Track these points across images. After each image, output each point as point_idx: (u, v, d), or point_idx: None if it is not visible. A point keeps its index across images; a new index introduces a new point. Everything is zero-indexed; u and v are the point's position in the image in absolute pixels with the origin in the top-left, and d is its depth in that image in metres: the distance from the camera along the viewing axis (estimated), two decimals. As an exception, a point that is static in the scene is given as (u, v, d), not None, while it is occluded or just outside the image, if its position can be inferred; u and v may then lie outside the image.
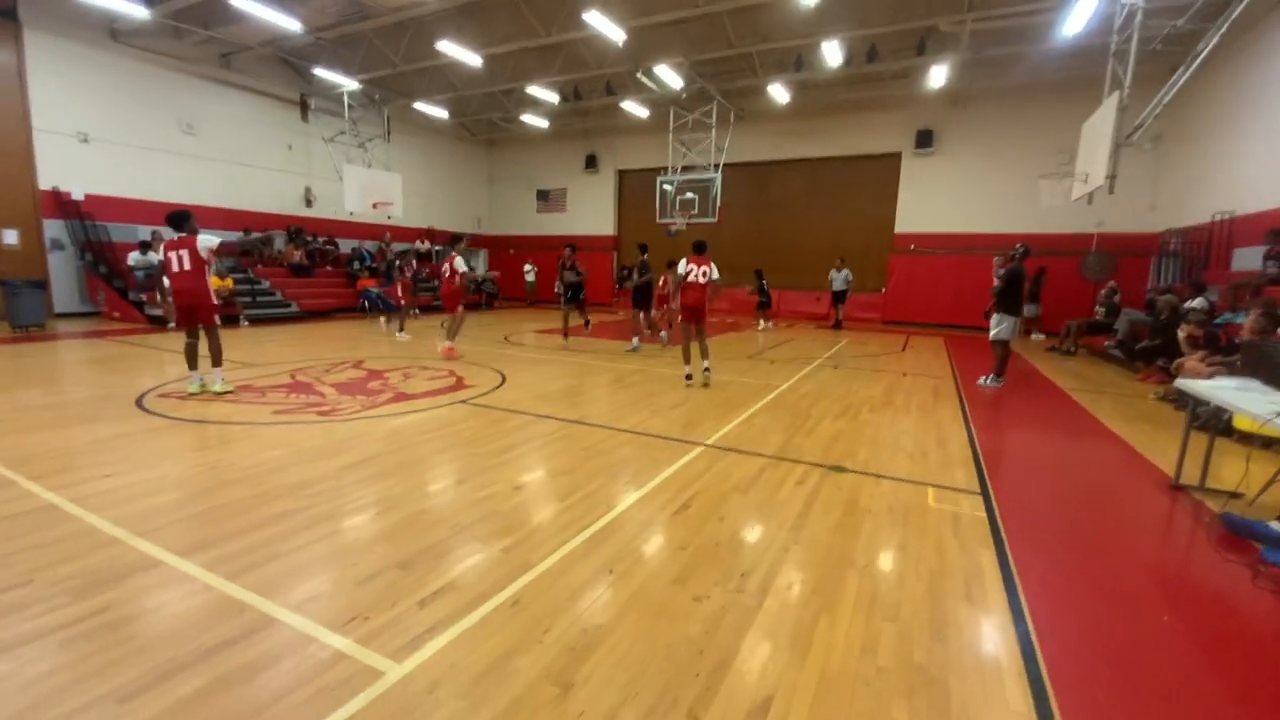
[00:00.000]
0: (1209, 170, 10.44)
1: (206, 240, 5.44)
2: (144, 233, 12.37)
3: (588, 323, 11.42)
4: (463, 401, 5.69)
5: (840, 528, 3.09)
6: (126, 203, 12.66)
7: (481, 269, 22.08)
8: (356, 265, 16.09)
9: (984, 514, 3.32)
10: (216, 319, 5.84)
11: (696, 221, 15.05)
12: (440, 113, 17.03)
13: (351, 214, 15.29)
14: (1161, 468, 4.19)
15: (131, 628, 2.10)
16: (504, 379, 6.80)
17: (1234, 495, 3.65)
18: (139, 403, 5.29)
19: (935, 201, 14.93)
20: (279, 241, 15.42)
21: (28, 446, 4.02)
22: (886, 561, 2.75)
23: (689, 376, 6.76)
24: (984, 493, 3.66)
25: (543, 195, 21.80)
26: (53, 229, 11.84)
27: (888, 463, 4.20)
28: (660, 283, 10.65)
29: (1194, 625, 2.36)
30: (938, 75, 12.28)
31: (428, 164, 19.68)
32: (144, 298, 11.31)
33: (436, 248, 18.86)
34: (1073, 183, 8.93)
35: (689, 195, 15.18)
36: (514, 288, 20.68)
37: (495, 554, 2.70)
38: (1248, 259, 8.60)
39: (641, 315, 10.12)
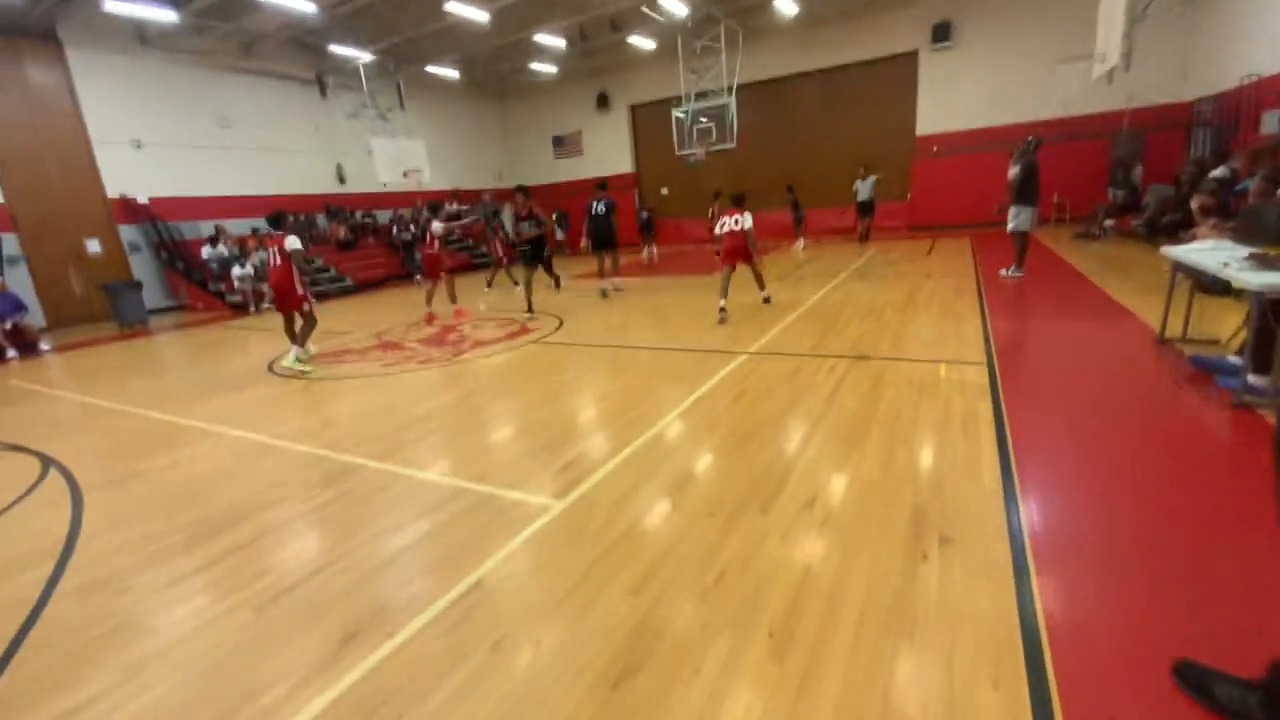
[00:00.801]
0: (1240, 31, 10.10)
1: (292, 241, 6.04)
2: (207, 227, 13.45)
3: (558, 281, 9.57)
4: (533, 342, 6.57)
5: (866, 398, 3.86)
6: (187, 201, 13.68)
7: (508, 223, 22.69)
8: (396, 232, 16.95)
9: (986, 377, 4.03)
10: (305, 306, 6.26)
11: (716, 149, 15.21)
12: (452, 73, 17.26)
13: (385, 185, 15.99)
14: (1157, 329, 4.75)
15: (373, 501, 3.07)
16: (561, 322, 7.64)
17: (1212, 343, 4.25)
18: (271, 369, 6.35)
19: (956, 98, 14.65)
20: (322, 221, 16.42)
21: (212, 409, 5.09)
22: (902, 415, 3.52)
23: (723, 309, 6.72)
24: (989, 363, 4.35)
25: (558, 141, 21.98)
26: (128, 233, 12.98)
27: (907, 349, 4.90)
28: (709, 214, 11.25)
29: (1148, 434, 3.09)
30: (950, -37, 11.90)
31: (445, 126, 20.01)
32: (223, 287, 12.47)
33: (464, 206, 19.54)
34: (1091, 64, 8.91)
35: (705, 123, 15.28)
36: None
37: (603, 437, 3.59)
38: (1275, 123, 8.56)
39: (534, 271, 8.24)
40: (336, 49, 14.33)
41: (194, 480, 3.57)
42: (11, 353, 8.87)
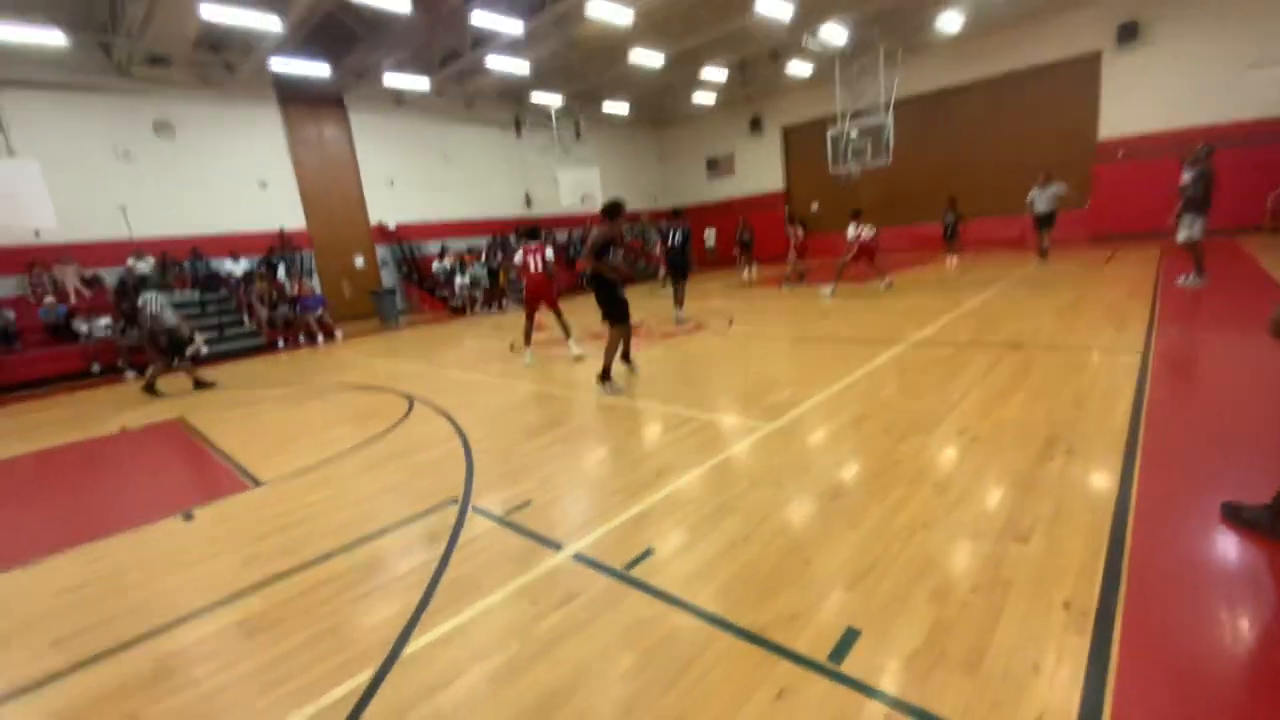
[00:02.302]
0: None
1: (549, 251, 7.54)
2: (433, 247, 16.81)
3: (627, 358, 6.12)
4: (716, 335, 7.90)
5: (1016, 373, 4.60)
6: (421, 226, 17.20)
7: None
8: (572, 251, 19.49)
9: (1138, 364, 4.56)
10: (558, 304, 7.56)
11: (871, 166, 15.68)
12: (623, 108, 19.58)
13: (567, 207, 18.61)
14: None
15: (636, 419, 4.53)
16: (731, 320, 8.90)
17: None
18: (510, 349, 8.36)
19: (1145, 100, 13.73)
20: (512, 240, 19.43)
21: (492, 371, 7.04)
22: (1048, 384, 4.25)
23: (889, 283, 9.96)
24: (1145, 353, 4.82)
25: (711, 163, 23.56)
26: (380, 252, 16.67)
27: (1063, 340, 5.45)
28: (799, 233, 12.21)
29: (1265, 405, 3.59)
30: (1138, -37, 11.48)
31: (610, 153, 22.49)
32: (445, 294, 15.55)
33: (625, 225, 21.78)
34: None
35: (859, 141, 15.81)
36: (695, 253, 22.71)
37: (792, 391, 4.75)
38: None
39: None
40: (536, 96, 17.17)
41: (507, 407, 5.33)
42: (320, 337, 12.17)
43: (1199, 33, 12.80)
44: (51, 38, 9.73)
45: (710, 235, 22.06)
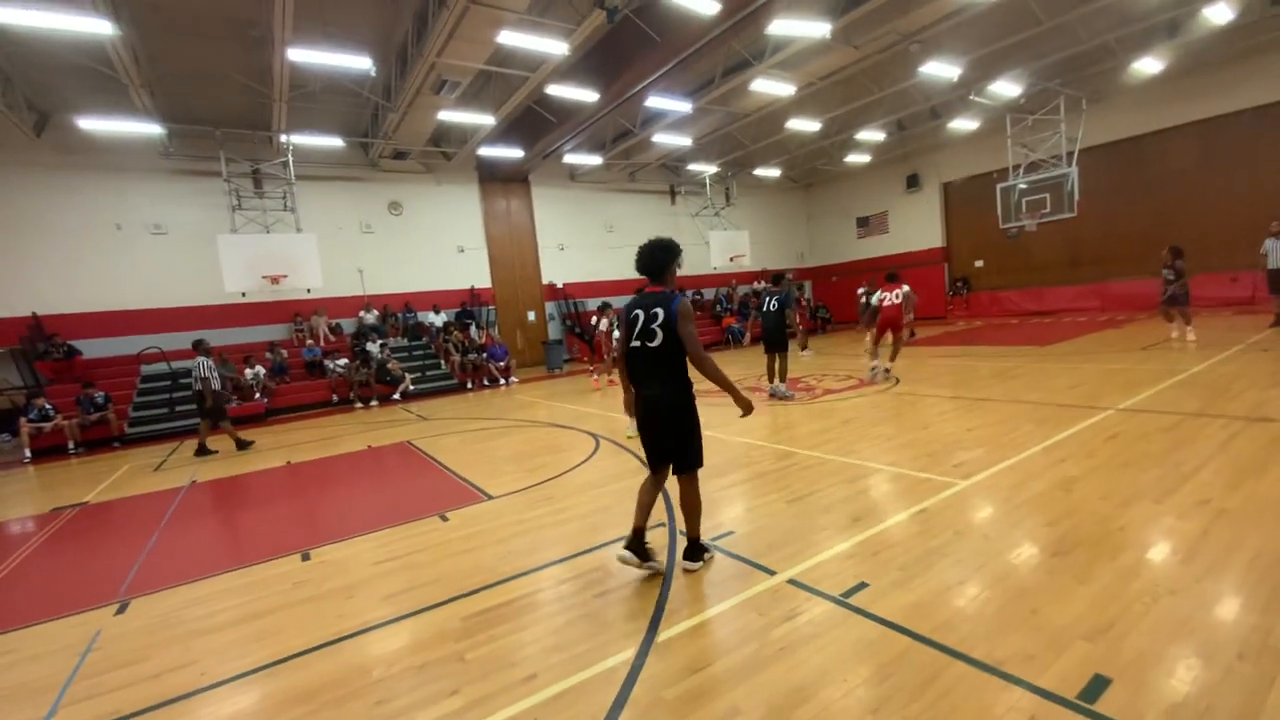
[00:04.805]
0: None
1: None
2: (594, 303, 18.35)
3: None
4: (878, 391, 7.80)
5: (1268, 447, 4.07)
6: (585, 284, 18.95)
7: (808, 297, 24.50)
8: (719, 308, 20.16)
9: None
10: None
11: (1049, 219, 14.53)
12: (773, 173, 20.27)
13: (715, 268, 19.43)
14: None
15: (815, 469, 4.69)
16: (897, 379, 8.68)
17: None
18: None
19: None
20: (662, 297, 20.56)
21: (657, 418, 7.57)
22: (1314, 463, 3.73)
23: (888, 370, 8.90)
24: None
25: (862, 221, 23.21)
26: (549, 307, 18.58)
27: (1329, 415, 4.69)
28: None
29: None
30: (1406, -17, 9.85)
31: (758, 215, 23.16)
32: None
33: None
34: None
35: (1036, 194, 14.77)
36: (844, 312, 22.32)
37: (983, 452, 4.63)
38: None
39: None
40: (690, 167, 18.46)
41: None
42: (502, 381, 13.79)
43: None
44: (333, 142, 12.68)
45: (865, 294, 21.52)
